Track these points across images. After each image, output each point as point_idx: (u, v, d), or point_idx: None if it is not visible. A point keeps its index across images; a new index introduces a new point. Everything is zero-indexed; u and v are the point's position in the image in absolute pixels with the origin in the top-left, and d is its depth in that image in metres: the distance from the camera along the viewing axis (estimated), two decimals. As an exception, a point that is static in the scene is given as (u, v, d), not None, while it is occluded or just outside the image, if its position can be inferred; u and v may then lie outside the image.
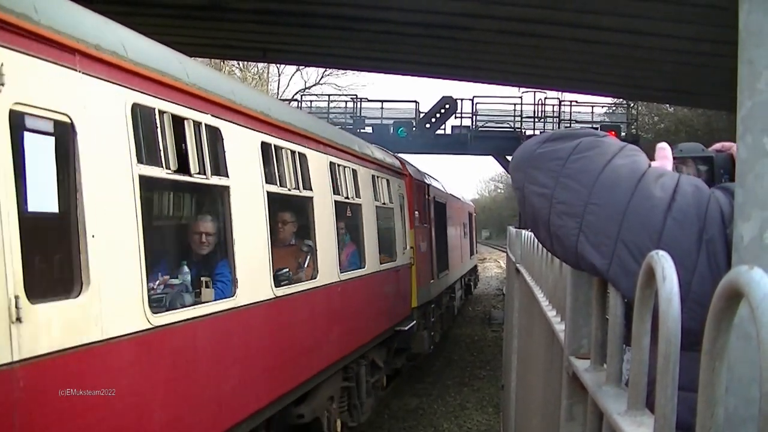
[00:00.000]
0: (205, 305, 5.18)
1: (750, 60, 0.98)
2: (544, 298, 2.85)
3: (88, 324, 3.74)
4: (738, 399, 0.95)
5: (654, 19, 13.14)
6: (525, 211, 1.53)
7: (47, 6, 3.70)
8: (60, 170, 3.77)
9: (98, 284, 3.81)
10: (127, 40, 4.45)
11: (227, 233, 5.59)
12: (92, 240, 3.79)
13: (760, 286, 0.63)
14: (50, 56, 3.61)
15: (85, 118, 3.83)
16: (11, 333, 3.18)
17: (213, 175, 5.20)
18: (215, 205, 5.76)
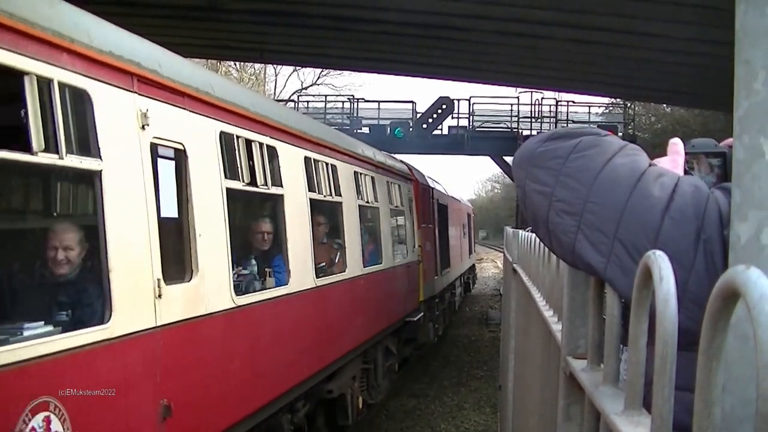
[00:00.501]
0: (269, 291, 6.62)
1: (747, 60, 0.98)
2: (541, 298, 2.85)
3: (198, 302, 5.11)
4: (735, 399, 0.95)
5: (651, 19, 13.15)
6: (526, 209, 1.54)
7: (168, 61, 5.15)
8: (178, 185, 5.05)
9: (203, 272, 5.15)
10: (213, 81, 5.99)
11: (282, 233, 7.02)
12: (199, 238, 5.15)
13: (756, 286, 0.63)
14: (172, 101, 4.97)
15: (192, 145, 5.17)
16: (155, 305, 4.50)
17: (272, 186, 6.61)
18: (273, 210, 7.17)
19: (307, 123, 8.43)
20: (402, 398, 13.24)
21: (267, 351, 6.45)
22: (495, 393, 11.67)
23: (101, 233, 4.08)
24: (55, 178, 5.42)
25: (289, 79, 76.87)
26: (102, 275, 4.09)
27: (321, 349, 8.04)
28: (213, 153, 5.50)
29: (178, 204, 5.05)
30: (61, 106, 3.72)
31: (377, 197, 11.09)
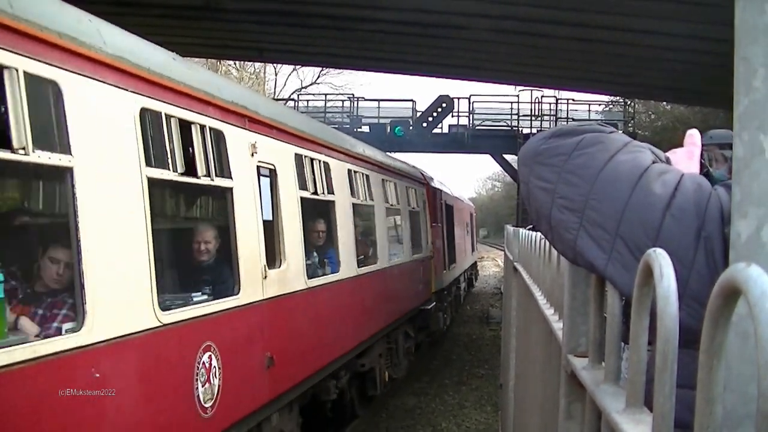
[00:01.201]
0: (327, 276, 8.46)
1: (746, 57, 0.98)
2: (541, 296, 2.85)
3: (285, 283, 6.88)
4: (736, 397, 0.95)
5: (651, 17, 13.14)
6: (530, 205, 1.55)
7: (263, 103, 7.26)
8: (271, 196, 6.81)
9: (288, 261, 6.99)
10: (289, 114, 8.27)
11: (333, 231, 8.94)
12: (285, 235, 6.98)
13: (757, 283, 0.63)
14: (267, 133, 6.72)
15: (279, 165, 6.96)
16: (262, 284, 6.28)
17: (327, 194, 8.57)
18: (327, 213, 8.93)
19: (351, 142, 10.46)
20: (403, 397, 13.25)
21: (326, 324, 8.33)
22: (496, 391, 11.67)
23: (231, 232, 5.88)
24: (201, 193, 6.99)
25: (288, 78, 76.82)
26: (232, 261, 5.88)
27: (358, 328, 9.82)
28: (291, 170, 7.35)
29: (272, 210, 6.84)
30: (210, 143, 5.49)
31: (399, 200, 12.97)
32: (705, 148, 1.65)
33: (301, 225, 7.46)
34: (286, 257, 6.97)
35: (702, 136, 1.66)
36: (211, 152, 5.47)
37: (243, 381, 5.91)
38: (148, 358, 4.55)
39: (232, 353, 5.62)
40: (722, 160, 1.64)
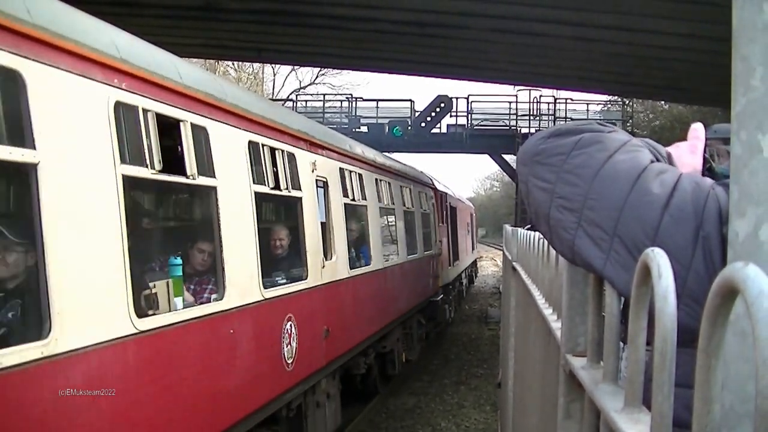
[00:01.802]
0: (362, 268, 10.16)
1: (744, 56, 0.98)
2: (540, 296, 2.85)
3: (335, 272, 8.60)
4: (735, 396, 0.94)
5: (649, 16, 13.16)
6: (529, 205, 1.55)
7: (318, 128, 8.94)
8: (325, 202, 8.52)
9: (337, 254, 8.70)
10: (334, 135, 9.75)
11: (366, 230, 10.80)
12: (335, 234, 8.70)
13: (755, 283, 0.63)
14: (321, 153, 8.46)
15: (329, 178, 8.68)
16: (321, 272, 8.02)
17: (362, 199, 10.38)
18: (361, 215, 10.77)
19: (377, 156, 12.25)
20: (402, 396, 13.25)
21: (361, 308, 10.02)
22: (495, 391, 11.67)
23: (301, 231, 7.66)
24: (282, 202, 8.19)
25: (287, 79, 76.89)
26: (301, 254, 7.66)
27: (383, 313, 11.49)
28: (337, 182, 9.09)
29: (325, 213, 8.54)
30: (286, 163, 7.19)
31: (413, 203, 14.70)
32: (708, 142, 1.64)
33: (344, 225, 9.29)
34: (336, 251, 8.75)
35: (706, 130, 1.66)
36: (288, 170, 7.19)
37: (310, 346, 7.61)
38: (258, 321, 6.30)
39: (304, 324, 7.37)
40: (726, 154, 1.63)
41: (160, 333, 4.66)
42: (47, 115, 3.72)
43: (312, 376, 7.74)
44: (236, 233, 5.82)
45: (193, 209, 6.64)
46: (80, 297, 3.84)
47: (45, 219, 3.61)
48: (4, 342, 3.46)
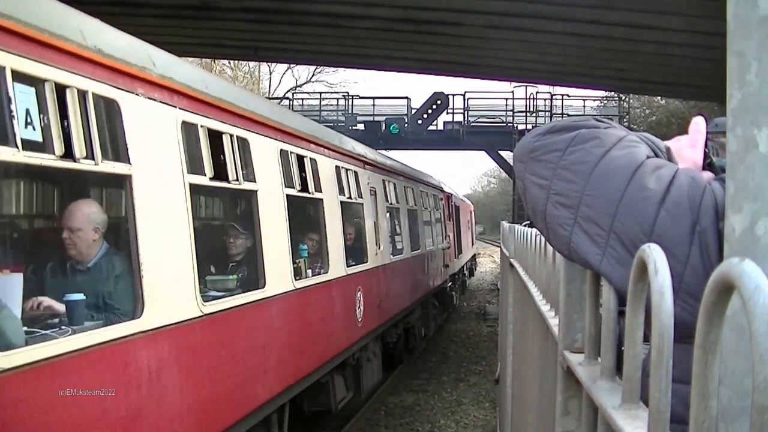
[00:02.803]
0: (398, 256, 13.06)
1: (739, 51, 0.98)
2: (537, 292, 2.85)
3: (382, 258, 11.58)
4: (732, 391, 0.95)
5: (645, 11, 13.16)
6: (526, 202, 1.55)
7: (368, 151, 11.83)
8: (374, 206, 11.32)
9: (382, 245, 11.55)
10: (376, 153, 12.78)
11: (399, 226, 13.66)
12: (381, 229, 11.56)
13: (751, 278, 0.63)
14: (370, 168, 11.37)
15: (377, 187, 11.64)
16: (375, 257, 11.09)
17: (396, 203, 13.35)
18: (396, 215, 13.59)
19: (407, 168, 15.63)
20: (401, 394, 13.26)
21: (397, 287, 12.86)
22: (493, 388, 11.68)
23: (362, 228, 10.71)
24: (351, 207, 10.42)
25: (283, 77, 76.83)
26: (363, 244, 10.61)
27: (409, 294, 14.07)
28: (382, 190, 12.08)
29: (375, 215, 11.24)
30: (354, 179, 10.20)
31: (429, 204, 17.89)
32: (710, 136, 1.64)
33: (387, 222, 12.42)
34: (382, 243, 11.55)
35: (707, 124, 1.65)
36: (355, 184, 10.22)
37: (369, 312, 10.45)
38: (343, 289, 9.21)
39: (367, 295, 10.29)
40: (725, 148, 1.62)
41: (303, 291, 7.51)
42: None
43: (369, 334, 10.71)
44: (333, 229, 8.93)
45: (309, 213, 9.04)
46: (277, 267, 6.81)
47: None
48: (244, 287, 6.28)
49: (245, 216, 6.84)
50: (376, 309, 10.90)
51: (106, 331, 4.03)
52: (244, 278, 6.45)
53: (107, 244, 4.58)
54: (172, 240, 4.80)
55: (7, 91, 3.36)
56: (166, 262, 4.70)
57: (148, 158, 4.56)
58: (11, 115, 3.38)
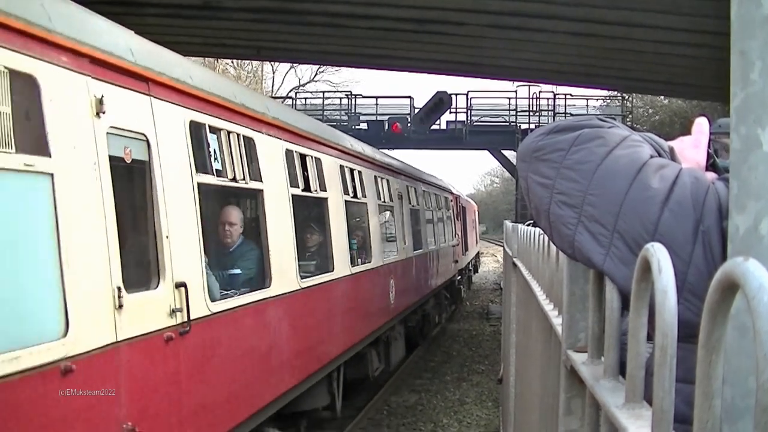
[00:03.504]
0: (419, 250, 15.22)
1: (742, 51, 0.98)
2: (541, 292, 2.85)
3: (408, 252, 14.01)
4: (735, 390, 0.95)
5: (648, 11, 13.14)
6: (529, 201, 1.55)
7: (399, 163, 15.16)
8: (401, 208, 13.75)
9: (406, 241, 13.94)
10: (405, 165, 15.85)
11: (420, 225, 15.82)
12: (405, 227, 13.91)
13: (755, 277, 0.63)
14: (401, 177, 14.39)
15: (404, 192, 14.33)
16: (401, 251, 13.50)
17: (417, 205, 15.57)
18: (418, 216, 15.49)
19: (427, 177, 18.29)
20: (404, 394, 13.26)
21: (418, 277, 15.13)
22: (496, 387, 11.68)
23: (395, 227, 13.18)
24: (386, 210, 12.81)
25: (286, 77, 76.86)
26: (394, 239, 12.98)
27: (426, 284, 16.25)
28: (407, 195, 14.35)
29: (402, 215, 13.45)
30: (386, 185, 12.59)
31: (442, 206, 20.35)
32: (713, 136, 1.63)
33: (410, 222, 14.47)
34: (406, 239, 13.86)
35: (710, 124, 1.65)
36: (387, 190, 12.57)
37: (398, 297, 12.54)
38: (380, 276, 11.46)
39: (397, 282, 12.51)
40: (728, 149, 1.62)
41: (356, 276, 9.89)
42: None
43: (397, 316, 12.90)
44: (374, 227, 11.24)
45: (356, 214, 10.78)
46: (341, 257, 9.27)
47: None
48: (320, 271, 8.61)
49: (319, 218, 9.12)
50: (403, 295, 13.28)
51: (254, 295, 6.39)
52: (319, 264, 8.82)
53: (243, 236, 6.78)
54: (284, 235, 7.14)
55: (207, 139, 5.73)
56: (282, 251, 7.04)
57: (271, 178, 6.84)
58: (209, 152, 5.73)
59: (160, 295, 4.78)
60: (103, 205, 4.13)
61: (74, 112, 3.97)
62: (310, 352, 7.80)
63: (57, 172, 3.73)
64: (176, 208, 5.05)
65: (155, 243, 4.81)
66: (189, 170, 5.30)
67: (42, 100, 3.68)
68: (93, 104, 4.11)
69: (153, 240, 4.81)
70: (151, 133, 4.76)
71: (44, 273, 3.73)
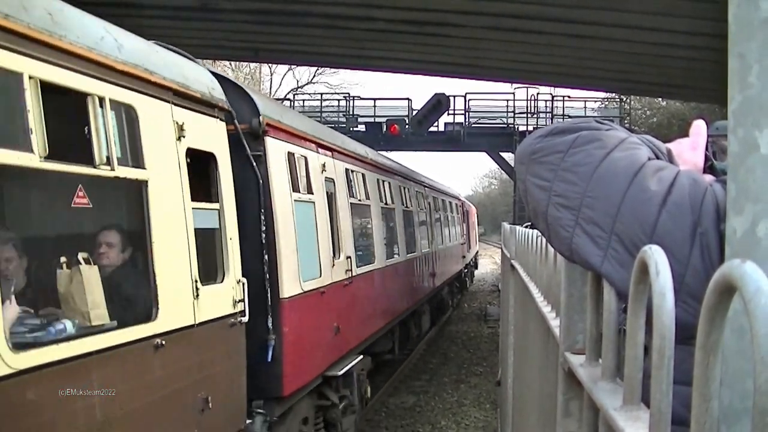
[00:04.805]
0: (441, 246, 20.29)
1: (740, 53, 0.98)
2: (539, 294, 2.85)
3: (435, 246, 19.12)
4: (733, 392, 0.95)
5: (645, 13, 13.15)
6: (527, 204, 1.55)
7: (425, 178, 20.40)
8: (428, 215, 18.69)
9: (434, 238, 18.97)
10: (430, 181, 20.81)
11: (441, 225, 21.14)
12: (434, 228, 19.31)
13: (752, 280, 0.63)
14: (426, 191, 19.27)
15: (431, 201, 19.47)
16: (429, 246, 18.01)
17: (435, 212, 20.24)
18: (436, 218, 19.96)
19: (443, 187, 22.96)
20: (402, 395, 13.25)
21: (440, 266, 19.01)
22: (494, 389, 11.68)
23: (428, 226, 18.06)
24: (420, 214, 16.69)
25: (284, 79, 76.81)
26: (428, 236, 17.82)
27: (443, 274, 19.99)
28: (432, 202, 19.24)
29: (430, 218, 18.29)
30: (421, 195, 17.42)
31: (453, 210, 24.77)
32: (711, 139, 1.64)
33: (435, 223, 18.98)
34: (434, 236, 18.04)
35: (708, 127, 1.65)
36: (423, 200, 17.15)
37: (431, 279, 17.33)
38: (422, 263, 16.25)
39: (431, 268, 17.27)
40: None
41: (409, 260, 14.40)
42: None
43: (428, 293, 17.14)
44: (416, 227, 15.06)
45: (406, 218, 14.43)
46: (401, 247, 14.02)
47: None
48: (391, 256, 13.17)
49: (389, 221, 12.95)
50: (433, 278, 17.69)
51: (365, 267, 10.62)
52: (389, 251, 12.73)
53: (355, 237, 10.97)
54: (377, 232, 11.81)
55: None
56: (373, 244, 11.45)
57: (375, 197, 12.16)
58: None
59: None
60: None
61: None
62: (388, 309, 12.39)
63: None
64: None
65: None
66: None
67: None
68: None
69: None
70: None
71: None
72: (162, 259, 4.80)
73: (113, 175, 4.36)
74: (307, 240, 7.85)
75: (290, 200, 7.35)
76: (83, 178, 4.31)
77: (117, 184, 4.63)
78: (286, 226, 7.07)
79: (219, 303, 5.68)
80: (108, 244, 4.80)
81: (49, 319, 4.07)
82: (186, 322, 5.12)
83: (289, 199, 7.31)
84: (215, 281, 5.73)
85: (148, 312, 4.71)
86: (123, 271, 4.84)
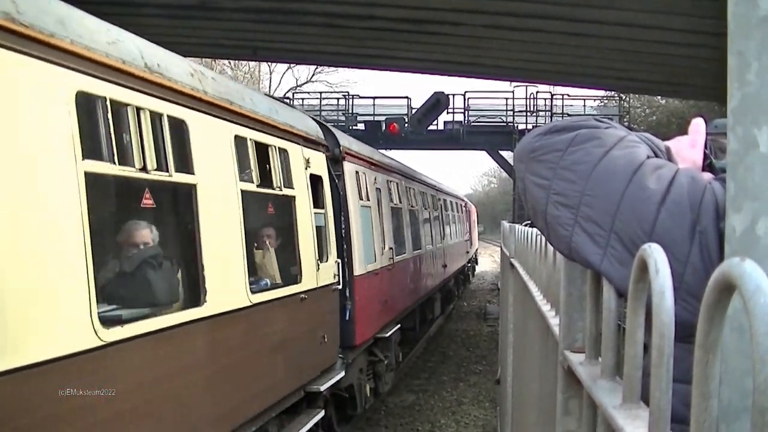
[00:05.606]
0: (452, 240, 24.18)
1: (739, 51, 0.98)
2: (538, 292, 2.85)
3: (447, 242, 22.87)
4: (732, 391, 0.95)
5: (645, 11, 13.15)
6: (526, 202, 1.55)
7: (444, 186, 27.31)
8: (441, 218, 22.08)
9: (446, 235, 22.84)
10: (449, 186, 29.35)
11: (452, 224, 25.20)
12: (447, 227, 23.40)
13: (752, 278, 0.63)
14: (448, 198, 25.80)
15: (444, 203, 24.09)
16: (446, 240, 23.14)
17: (446, 212, 23.53)
18: (448, 219, 23.64)
19: (453, 192, 28.96)
20: (401, 394, 13.26)
21: (450, 259, 22.20)
22: (494, 387, 11.68)
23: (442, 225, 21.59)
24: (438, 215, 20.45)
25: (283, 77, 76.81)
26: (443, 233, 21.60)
27: (454, 265, 23.54)
28: (446, 204, 23.20)
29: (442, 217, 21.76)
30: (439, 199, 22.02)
31: (458, 209, 27.44)
32: (710, 137, 1.63)
33: (447, 222, 22.72)
34: (446, 234, 21.77)
35: (707, 124, 1.65)
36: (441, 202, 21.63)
37: (444, 270, 20.44)
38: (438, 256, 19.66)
39: (444, 260, 20.87)
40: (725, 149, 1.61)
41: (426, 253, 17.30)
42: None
43: (440, 283, 19.43)
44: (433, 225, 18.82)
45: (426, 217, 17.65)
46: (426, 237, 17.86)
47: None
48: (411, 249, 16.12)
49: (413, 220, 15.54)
50: (444, 269, 20.51)
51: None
52: (415, 243, 15.08)
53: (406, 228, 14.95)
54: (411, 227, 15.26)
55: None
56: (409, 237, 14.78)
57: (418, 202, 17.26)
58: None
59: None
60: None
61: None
62: (414, 291, 15.32)
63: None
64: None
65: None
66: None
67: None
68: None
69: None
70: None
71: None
72: (302, 245, 7.80)
73: (282, 194, 7.40)
74: (367, 234, 10.87)
75: (358, 206, 10.31)
76: (270, 195, 7.28)
77: (282, 201, 7.61)
78: (356, 224, 10.08)
79: (328, 275, 8.61)
80: (268, 236, 7.43)
81: (257, 279, 6.83)
82: (314, 285, 8.08)
83: (357, 205, 10.31)
84: (325, 260, 8.55)
85: (297, 277, 7.66)
86: (281, 252, 7.56)
